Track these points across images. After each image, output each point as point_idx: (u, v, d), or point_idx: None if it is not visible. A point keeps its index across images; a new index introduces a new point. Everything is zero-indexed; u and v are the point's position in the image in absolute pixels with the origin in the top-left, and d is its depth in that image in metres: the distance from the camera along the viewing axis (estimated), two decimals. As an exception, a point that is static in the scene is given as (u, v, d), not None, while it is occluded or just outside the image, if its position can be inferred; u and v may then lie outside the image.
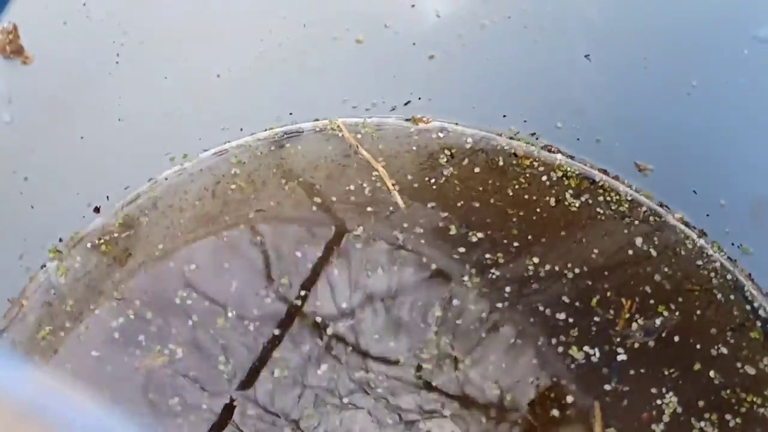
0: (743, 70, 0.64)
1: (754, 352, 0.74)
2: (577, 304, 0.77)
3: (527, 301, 0.76)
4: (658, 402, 0.71)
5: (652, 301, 0.76)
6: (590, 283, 0.78)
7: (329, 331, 0.73)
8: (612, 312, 0.76)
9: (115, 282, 0.73)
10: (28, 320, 0.70)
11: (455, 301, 0.76)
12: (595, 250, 0.80)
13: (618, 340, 0.75)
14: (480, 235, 0.79)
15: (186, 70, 0.72)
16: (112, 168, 0.74)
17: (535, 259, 0.79)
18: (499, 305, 0.76)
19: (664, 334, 0.75)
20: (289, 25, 0.72)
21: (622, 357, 0.73)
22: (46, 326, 0.70)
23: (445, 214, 0.81)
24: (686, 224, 0.80)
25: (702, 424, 0.71)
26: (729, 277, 0.78)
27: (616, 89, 0.74)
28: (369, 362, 0.72)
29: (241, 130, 0.80)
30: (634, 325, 0.75)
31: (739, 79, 0.65)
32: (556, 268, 0.78)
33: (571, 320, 0.75)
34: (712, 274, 0.79)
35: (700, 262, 0.80)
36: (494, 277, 0.77)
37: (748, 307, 0.76)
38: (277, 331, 0.72)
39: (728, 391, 0.72)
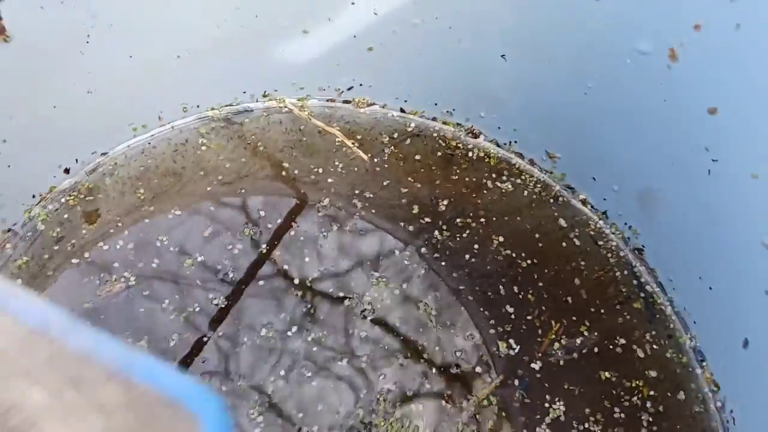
0: (627, 75, 0.75)
1: (638, 327, 0.85)
2: (520, 296, 0.86)
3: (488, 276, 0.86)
4: (546, 405, 0.79)
5: (575, 318, 0.85)
6: (533, 276, 0.88)
7: (295, 280, 0.82)
8: (539, 328, 0.84)
9: (90, 230, 0.83)
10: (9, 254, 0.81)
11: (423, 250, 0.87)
12: (537, 234, 0.90)
13: (539, 353, 0.83)
14: (446, 201, 0.91)
15: (150, 50, 0.82)
16: (81, 134, 0.84)
17: (501, 238, 0.90)
18: (467, 257, 0.87)
19: (584, 351, 0.83)
20: (242, 14, 0.82)
21: (535, 366, 0.81)
22: (25, 256, 0.80)
23: (405, 190, 0.91)
24: (591, 206, 0.92)
25: (586, 425, 0.79)
26: (622, 253, 0.90)
27: (527, 86, 0.85)
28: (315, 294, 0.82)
29: (198, 106, 0.90)
30: (557, 345, 0.83)
31: (624, 83, 0.76)
32: (513, 254, 0.89)
33: (513, 316, 0.84)
34: (607, 254, 0.90)
35: (600, 242, 0.91)
36: (467, 233, 0.89)
37: (633, 281, 0.88)
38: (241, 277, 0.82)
39: (619, 389, 0.81)
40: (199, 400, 0.25)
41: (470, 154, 0.95)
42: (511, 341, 0.83)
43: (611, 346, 0.84)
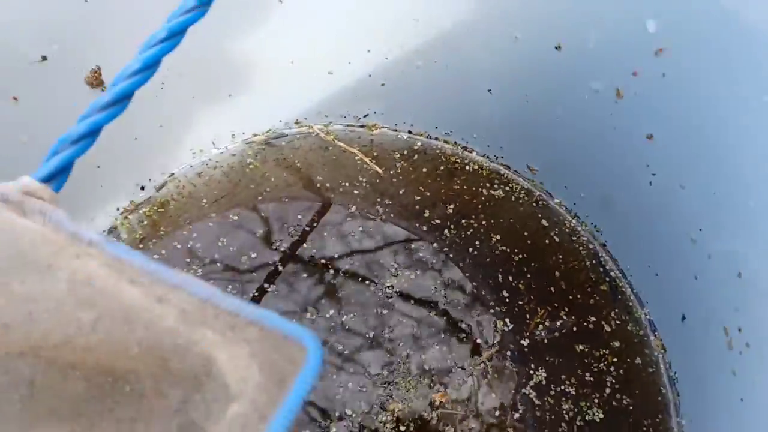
0: (586, 108, 0.93)
1: (605, 307, 0.99)
2: (513, 284, 1.00)
3: (488, 265, 1.02)
4: (530, 372, 0.93)
5: (556, 305, 0.99)
6: (524, 269, 1.02)
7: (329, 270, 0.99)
8: (527, 313, 0.98)
9: (166, 228, 1.02)
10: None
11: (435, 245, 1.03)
12: (526, 233, 1.07)
13: (527, 333, 0.96)
14: (452, 206, 1.08)
15: (208, 91, 1.01)
16: (153, 158, 1.03)
17: (498, 236, 1.04)
18: (471, 250, 1.03)
19: (564, 331, 0.97)
20: (278, 62, 1.02)
21: (524, 342, 0.95)
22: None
23: (417, 197, 1.08)
24: (565, 208, 1.11)
25: (562, 387, 0.93)
26: (591, 246, 1.09)
27: (510, 114, 1.03)
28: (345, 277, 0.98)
29: (243, 133, 1.10)
30: (541, 327, 0.96)
31: (584, 113, 0.94)
32: (508, 250, 1.04)
33: (507, 300, 0.99)
34: (579, 247, 1.08)
35: (573, 238, 1.11)
36: (470, 231, 1.05)
37: (601, 269, 1.05)
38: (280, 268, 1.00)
39: (590, 359, 0.94)
40: (304, 336, 0.44)
41: (467, 167, 1.14)
42: (507, 320, 0.97)
43: (584, 323, 0.97)
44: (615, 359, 0.97)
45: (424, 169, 1.12)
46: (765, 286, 0.76)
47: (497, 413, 0.91)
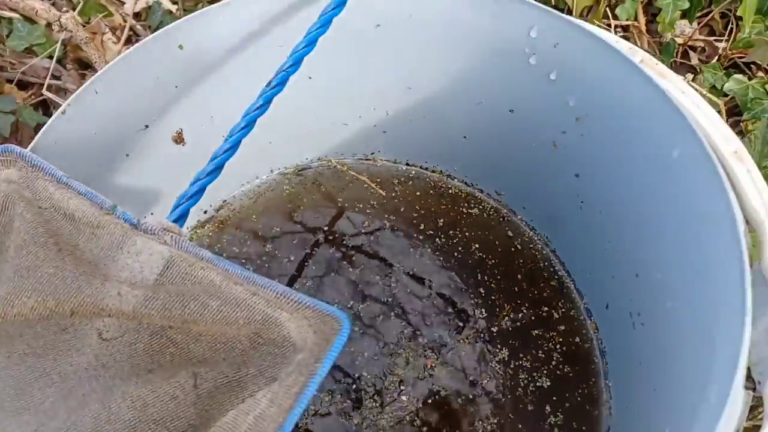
0: (533, 153, 1.25)
1: (555, 299, 1.20)
2: (487, 283, 1.20)
3: (468, 269, 1.26)
4: (497, 351, 1.14)
5: (519, 301, 1.19)
6: (495, 272, 1.23)
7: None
8: (497, 307, 1.19)
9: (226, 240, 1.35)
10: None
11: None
12: (497, 242, 1.35)
13: (496, 323, 1.18)
14: (442, 220, 1.37)
15: (253, 137, 1.34)
16: (214, 190, 1.36)
17: (477, 245, 1.25)
18: (456, 254, 1.27)
19: (524, 321, 1.18)
20: (306, 116, 1.32)
21: (493, 329, 1.16)
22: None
23: (415, 214, 1.34)
24: (525, 222, 1.44)
25: (519, 362, 1.12)
26: (544, 252, 1.41)
27: (481, 154, 1.33)
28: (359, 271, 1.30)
29: (279, 168, 1.44)
30: (507, 318, 1.16)
31: (534, 156, 1.26)
32: (484, 256, 1.26)
33: (483, 295, 1.19)
34: (536, 253, 1.41)
35: (531, 246, 1.43)
36: (455, 240, 1.34)
37: (551, 269, 1.37)
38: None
39: (542, 340, 1.14)
40: (340, 314, 0.76)
41: (450, 191, 1.43)
42: (483, 310, 1.18)
43: (540, 313, 1.18)
44: (560, 339, 1.18)
45: (418, 193, 1.42)
46: (652, 283, 1.07)
47: (470, 378, 1.17)
